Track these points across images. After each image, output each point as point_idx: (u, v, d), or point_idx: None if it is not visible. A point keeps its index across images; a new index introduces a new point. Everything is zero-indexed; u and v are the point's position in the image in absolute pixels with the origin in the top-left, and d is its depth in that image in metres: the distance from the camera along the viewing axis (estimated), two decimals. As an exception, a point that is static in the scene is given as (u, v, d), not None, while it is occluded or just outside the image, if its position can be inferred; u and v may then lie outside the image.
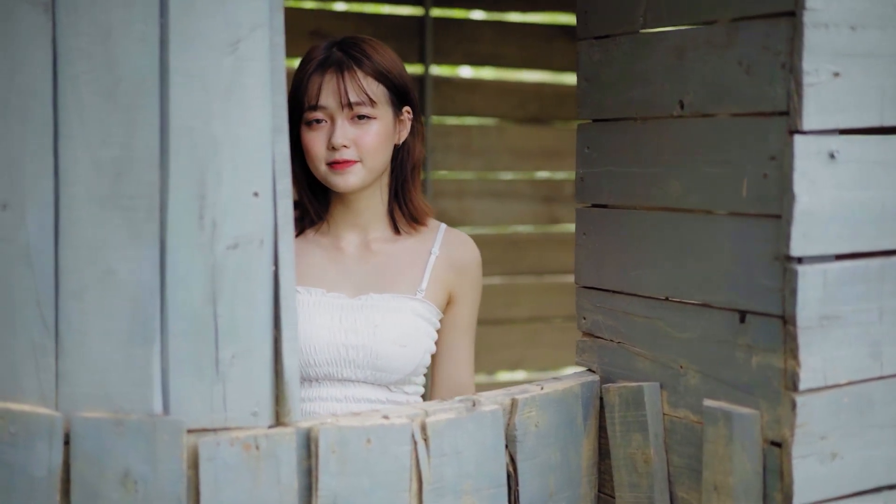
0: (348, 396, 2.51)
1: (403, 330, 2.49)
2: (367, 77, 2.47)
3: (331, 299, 2.52)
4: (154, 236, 1.86)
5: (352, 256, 2.58)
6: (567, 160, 5.25)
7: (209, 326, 1.89)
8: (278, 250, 1.93)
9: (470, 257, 2.61)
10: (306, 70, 2.49)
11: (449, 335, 2.60)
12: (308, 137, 2.50)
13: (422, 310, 2.52)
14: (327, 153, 2.48)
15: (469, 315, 2.61)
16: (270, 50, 1.91)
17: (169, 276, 1.87)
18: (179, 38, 1.86)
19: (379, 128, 2.49)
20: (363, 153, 2.48)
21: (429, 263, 2.56)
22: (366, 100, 2.46)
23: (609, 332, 2.32)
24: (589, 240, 2.38)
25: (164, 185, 1.86)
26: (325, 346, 2.47)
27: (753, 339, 1.98)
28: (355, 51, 2.49)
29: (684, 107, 2.11)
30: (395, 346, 2.47)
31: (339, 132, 2.46)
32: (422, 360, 2.52)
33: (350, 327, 2.48)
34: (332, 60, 2.47)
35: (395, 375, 2.50)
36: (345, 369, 2.48)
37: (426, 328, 2.53)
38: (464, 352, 2.61)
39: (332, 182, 2.50)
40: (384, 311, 2.50)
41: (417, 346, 2.50)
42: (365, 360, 2.47)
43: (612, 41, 2.29)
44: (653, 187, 2.20)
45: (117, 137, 1.85)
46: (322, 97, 2.46)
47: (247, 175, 1.90)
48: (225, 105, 1.88)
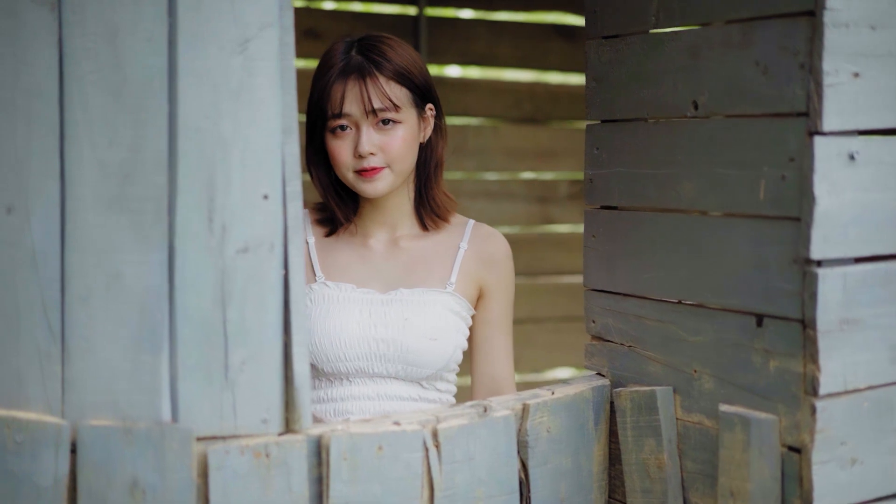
0: (380, 394, 2.49)
1: (434, 323, 2.48)
2: (389, 81, 2.45)
3: (361, 294, 2.51)
4: (162, 240, 1.83)
5: (380, 253, 2.58)
6: (562, 160, 5.23)
7: (218, 332, 1.86)
8: (288, 254, 1.90)
9: (499, 250, 2.60)
10: (328, 77, 2.46)
11: (483, 331, 2.59)
12: (334, 145, 2.48)
13: (452, 303, 2.52)
14: (354, 161, 2.46)
15: (502, 309, 2.60)
16: (280, 49, 1.88)
17: (177, 281, 1.84)
18: (188, 38, 1.83)
19: (404, 132, 2.47)
20: (390, 159, 2.46)
21: (457, 258, 2.56)
22: (389, 105, 2.44)
23: (619, 336, 2.29)
24: (598, 242, 2.35)
25: (173, 188, 1.83)
26: (356, 340, 2.47)
27: (771, 343, 1.96)
28: (375, 54, 2.45)
29: (698, 107, 2.08)
30: (425, 339, 2.47)
31: (365, 139, 2.44)
32: (452, 354, 2.51)
33: (380, 321, 2.48)
34: (353, 66, 2.44)
35: (426, 370, 2.49)
36: (376, 364, 2.47)
37: (457, 322, 2.52)
38: (500, 347, 2.60)
39: (360, 189, 2.49)
40: (414, 304, 2.49)
41: (448, 340, 2.49)
42: (395, 355, 2.47)
43: (622, 41, 2.27)
44: (665, 189, 2.17)
45: (124, 139, 1.82)
46: (345, 105, 2.44)
47: (256, 177, 1.87)
48: (234, 105, 1.85)
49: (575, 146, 5.13)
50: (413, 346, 2.46)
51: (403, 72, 2.46)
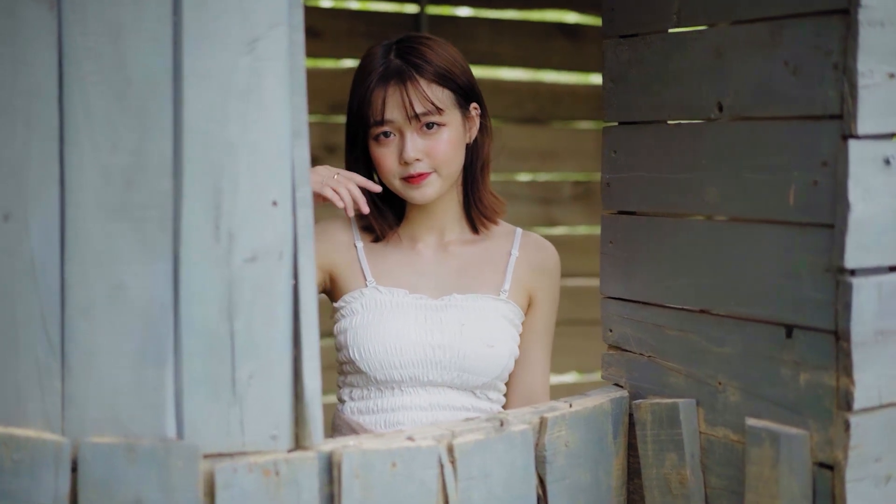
0: (433, 404, 2.43)
1: (490, 330, 2.43)
2: (430, 84, 2.39)
3: (414, 300, 2.46)
4: (167, 249, 1.76)
5: (430, 258, 2.52)
6: (565, 161, 5.17)
7: (225, 345, 1.79)
8: (298, 263, 1.83)
9: (551, 260, 2.56)
10: (367, 83, 2.39)
11: (526, 340, 2.53)
12: (378, 153, 2.41)
13: (506, 311, 2.48)
14: (400, 168, 2.40)
15: (547, 320, 2.55)
16: (289, 49, 1.81)
17: (183, 292, 1.76)
18: (193, 37, 1.75)
19: (449, 135, 2.41)
20: (437, 163, 2.40)
21: (509, 265, 2.51)
22: (432, 108, 2.38)
23: (638, 346, 2.22)
24: (616, 248, 2.28)
25: (178, 194, 1.76)
26: (412, 346, 2.40)
27: (801, 355, 1.88)
28: (414, 56, 2.39)
29: (723, 109, 2.01)
30: (482, 345, 2.42)
31: (410, 146, 2.38)
32: (507, 363, 2.46)
33: (436, 327, 2.42)
34: (393, 71, 2.38)
35: (482, 378, 2.43)
36: (430, 371, 2.41)
37: (511, 330, 2.48)
38: (540, 358, 2.55)
39: (409, 196, 2.44)
40: (470, 311, 2.44)
41: (504, 348, 2.45)
42: (451, 361, 2.41)
43: (641, 40, 2.19)
44: (687, 194, 2.10)
45: (127, 143, 1.74)
46: (387, 111, 2.37)
47: (265, 183, 1.80)
48: (242, 108, 1.78)
49: (578, 147, 5.10)
50: (470, 352, 2.41)
51: (445, 73, 2.40)
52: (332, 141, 4.56)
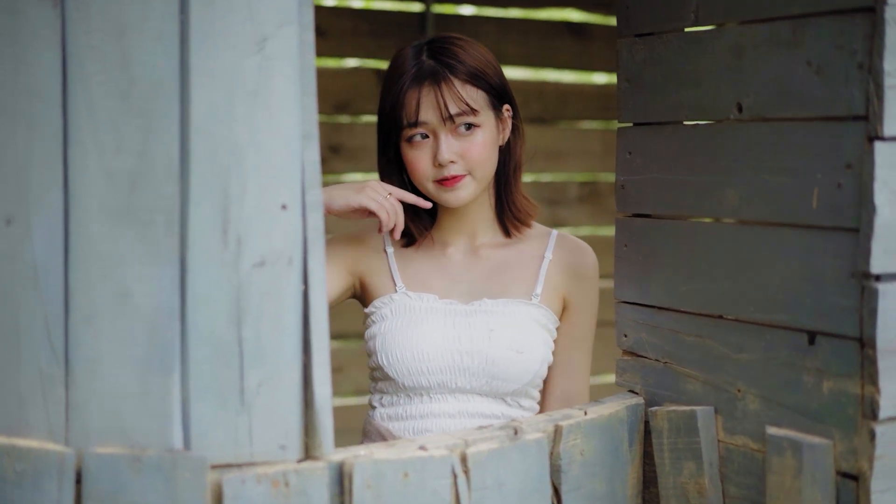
0: (462, 411, 2.38)
1: (520, 335, 2.38)
2: (464, 85, 2.35)
3: (444, 305, 2.42)
4: (173, 254, 1.71)
5: (460, 263, 2.48)
6: (571, 162, 5.13)
7: (233, 352, 1.74)
8: (308, 268, 1.78)
9: (588, 263, 2.50)
10: (399, 85, 2.36)
11: (564, 345, 2.47)
12: (412, 156, 2.38)
13: (538, 315, 2.42)
14: (434, 170, 2.37)
15: (584, 325, 2.49)
16: (299, 48, 1.76)
17: (190, 298, 1.72)
18: (201, 36, 1.71)
19: (484, 136, 2.37)
20: (471, 165, 2.37)
21: (542, 268, 2.46)
22: (467, 109, 2.34)
23: (654, 352, 2.17)
24: (631, 252, 2.23)
25: (185, 198, 1.71)
26: (439, 352, 2.36)
27: (824, 363, 1.83)
28: (446, 56, 2.35)
29: (743, 110, 1.97)
30: (511, 351, 2.36)
31: (444, 147, 2.34)
32: (539, 369, 2.40)
33: (464, 333, 2.38)
34: (426, 71, 2.35)
35: (512, 385, 2.38)
36: (459, 378, 2.37)
37: (543, 335, 2.42)
38: (578, 363, 2.48)
39: (443, 199, 2.39)
40: (500, 315, 2.39)
41: (534, 354, 2.39)
42: (480, 368, 2.36)
43: (658, 39, 2.14)
44: (705, 196, 2.05)
45: (133, 145, 1.70)
46: (421, 113, 2.34)
47: (274, 186, 1.75)
48: (250, 109, 1.73)
49: (584, 147, 5.06)
50: (498, 358, 2.36)
51: (478, 73, 2.37)
52: (337, 141, 4.53)
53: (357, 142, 4.58)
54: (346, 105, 4.61)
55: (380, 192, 2.37)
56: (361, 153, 4.56)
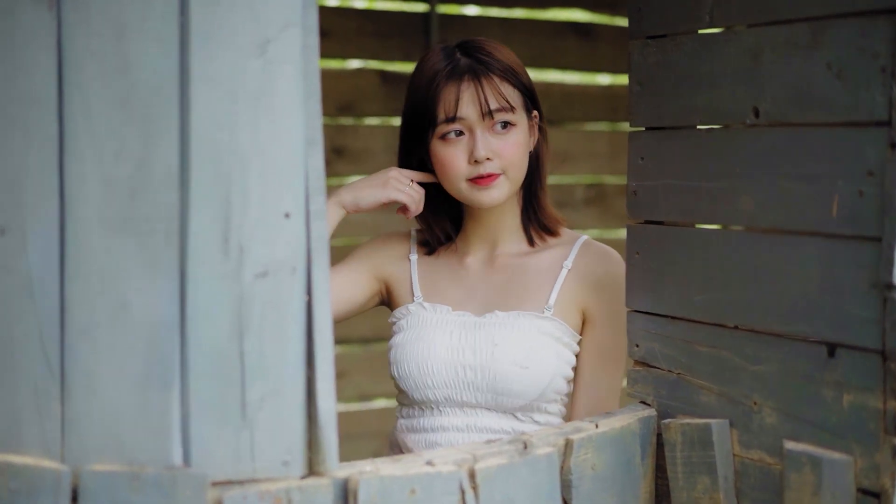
0: (470, 425, 2.34)
1: (525, 350, 2.30)
2: (502, 82, 2.33)
3: (455, 317, 2.37)
4: (173, 264, 1.67)
5: (477, 273, 2.43)
6: (578, 164, 5.08)
7: (235, 365, 1.69)
8: (312, 278, 1.73)
9: (609, 272, 2.37)
10: (434, 81, 2.32)
11: (586, 360, 2.37)
12: (446, 153, 2.33)
13: (550, 328, 2.33)
14: (469, 168, 2.32)
15: (608, 339, 2.36)
16: (303, 51, 1.72)
17: (190, 310, 1.67)
18: (201, 39, 1.66)
19: (519, 136, 2.35)
20: (506, 164, 2.32)
21: (559, 278, 2.37)
22: (506, 105, 2.32)
23: (667, 362, 2.12)
24: (643, 260, 2.17)
25: (185, 207, 1.67)
26: (444, 366, 2.33)
27: (844, 376, 1.78)
28: (482, 54, 2.34)
29: (759, 115, 1.91)
30: (514, 367, 2.29)
31: (482, 144, 2.30)
32: (549, 384, 2.31)
33: (469, 346, 2.33)
34: (464, 67, 2.32)
35: (518, 400, 2.31)
36: (464, 392, 2.33)
37: (556, 349, 2.33)
38: (600, 379, 2.37)
39: (475, 199, 2.34)
40: (506, 329, 2.33)
41: (542, 369, 2.30)
42: (483, 383, 2.31)
43: (671, 41, 2.09)
44: (720, 203, 1.99)
45: (131, 152, 1.65)
46: (461, 108, 2.30)
47: (277, 194, 1.71)
48: (253, 114, 1.69)
49: (591, 149, 5.01)
50: (502, 373, 2.30)
51: (513, 71, 2.35)
52: (341, 143, 4.48)
53: (361, 144, 4.54)
54: (350, 107, 4.57)
55: (403, 181, 2.37)
56: (365, 155, 4.52)
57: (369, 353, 4.73)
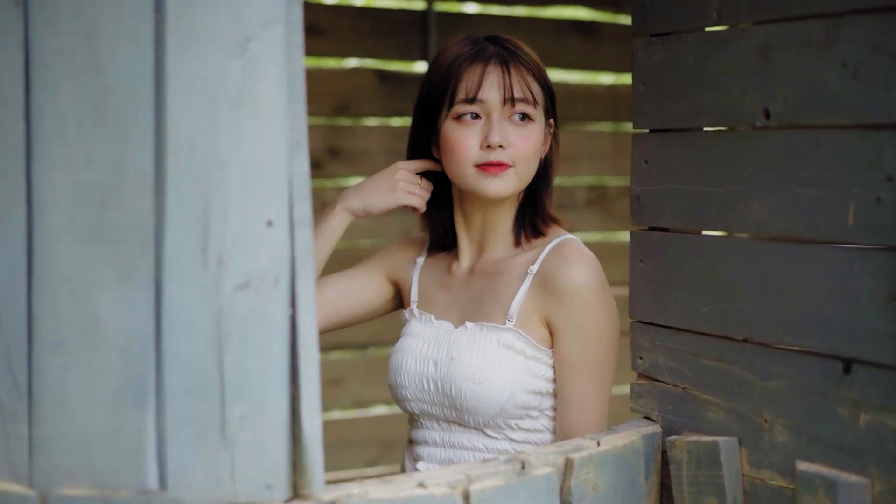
0: (445, 441, 2.27)
1: (480, 364, 2.19)
2: (529, 74, 2.26)
3: (433, 327, 2.31)
4: (148, 276, 1.59)
5: (461, 280, 2.34)
6: (579, 166, 4.99)
7: (214, 383, 1.61)
8: (296, 290, 1.64)
9: (568, 279, 2.18)
10: (458, 62, 2.25)
11: (559, 375, 2.21)
12: (458, 133, 2.24)
13: (511, 340, 2.20)
14: (480, 153, 2.22)
15: (577, 352, 2.18)
16: (287, 50, 1.62)
17: (166, 324, 1.59)
18: (179, 38, 1.58)
19: (537, 133, 2.26)
20: (519, 157, 2.23)
21: (524, 284, 2.23)
22: (530, 97, 2.24)
23: (672, 376, 2.03)
24: (647, 268, 2.09)
25: (161, 214, 1.58)
26: (412, 378, 2.28)
27: (861, 393, 1.69)
28: (511, 45, 2.28)
29: (770, 116, 1.83)
30: (467, 382, 2.19)
31: (498, 129, 2.21)
32: (508, 400, 2.17)
33: (433, 359, 2.26)
34: (491, 53, 2.25)
35: (479, 417, 2.20)
36: (432, 406, 2.27)
37: (515, 362, 2.19)
38: (573, 395, 2.19)
39: (480, 187, 2.23)
40: (466, 342, 2.23)
41: (497, 384, 2.17)
42: (443, 398, 2.24)
43: (676, 39, 2.01)
44: (729, 210, 1.91)
45: (104, 157, 1.57)
46: (483, 89, 2.22)
47: (259, 200, 1.62)
48: (233, 117, 1.60)
49: (593, 150, 4.94)
50: (456, 388, 2.20)
51: (540, 69, 2.29)
52: (337, 144, 4.40)
53: (358, 145, 4.45)
54: (347, 107, 4.48)
55: (412, 181, 2.33)
56: (363, 157, 4.43)
57: (366, 358, 4.65)
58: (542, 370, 2.21)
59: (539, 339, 2.21)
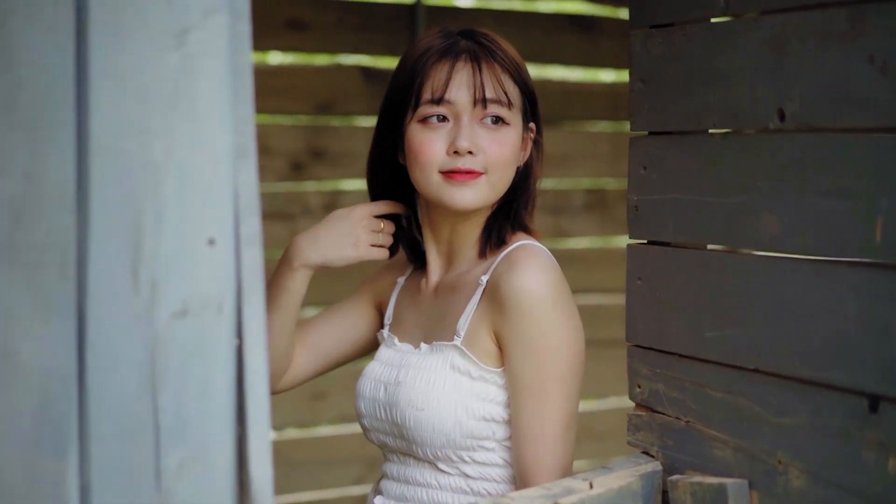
0: (401, 475, 2.10)
1: (424, 388, 1.99)
2: (504, 73, 2.06)
3: (395, 349, 2.12)
4: (69, 303, 1.43)
5: (427, 298, 2.14)
6: (576, 167, 4.85)
7: (147, 425, 1.45)
8: (243, 318, 1.48)
9: (512, 285, 1.94)
10: (423, 58, 2.05)
11: (511, 400, 1.98)
12: (422, 138, 2.03)
13: (459, 361, 1.99)
14: (446, 159, 2.01)
15: (531, 371, 1.94)
16: (231, 43, 1.46)
17: (90, 358, 1.43)
18: (104, 27, 1.41)
19: (512, 137, 2.05)
20: (491, 164, 2.02)
21: (474, 297, 2.02)
22: (504, 98, 2.04)
23: (674, 408, 1.86)
24: (645, 287, 1.93)
25: (84, 232, 1.43)
26: (368, 402, 2.11)
27: (890, 435, 1.51)
28: (485, 40, 2.08)
29: (785, 118, 1.67)
30: (411, 408, 2.00)
31: (467, 133, 2.01)
32: (455, 427, 1.95)
33: (383, 384, 2.08)
34: (463, 48, 2.06)
35: (426, 448, 2.00)
36: (386, 436, 2.09)
37: (462, 384, 1.97)
38: (523, 421, 1.95)
39: (446, 196, 2.02)
40: (415, 363, 2.04)
41: (440, 410, 1.96)
42: (392, 426, 2.05)
43: (679, 31, 1.85)
44: (738, 223, 1.75)
45: (17, 166, 1.41)
46: (451, 90, 2.03)
47: (199, 215, 1.46)
48: (168, 119, 1.45)
49: (590, 151, 4.81)
50: (401, 415, 2.01)
51: (518, 67, 2.09)
52: (320, 145, 4.25)
53: (342, 146, 4.30)
54: (330, 105, 4.33)
55: (375, 230, 2.13)
56: (348, 158, 4.27)
57: (351, 371, 4.46)
58: (493, 393, 1.98)
59: (486, 356, 1.98)
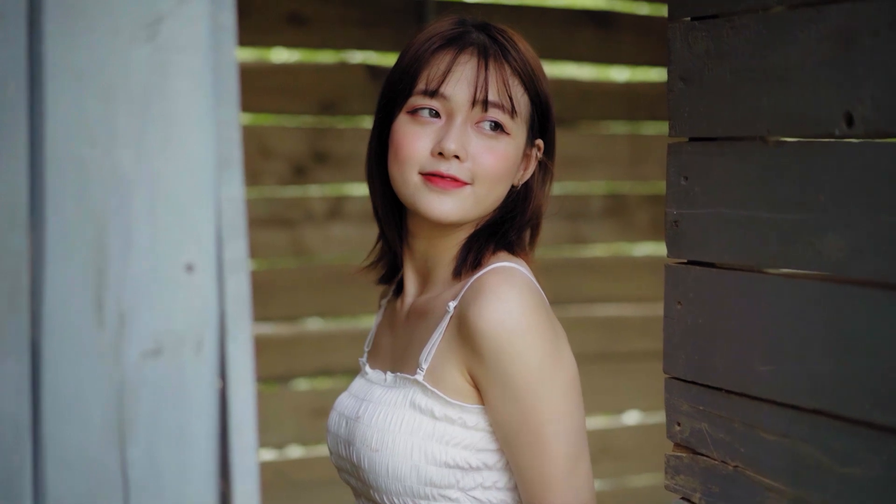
0: None
1: (381, 425, 1.80)
2: (514, 76, 1.86)
3: (364, 379, 1.95)
4: (22, 338, 1.29)
5: (399, 323, 1.95)
6: (594, 170, 4.76)
7: (114, 483, 1.31)
8: (227, 355, 1.32)
9: (476, 319, 1.73)
10: (427, 45, 1.85)
11: (503, 446, 1.78)
12: (407, 130, 1.84)
13: (420, 398, 1.80)
14: (429, 159, 1.82)
15: (515, 416, 1.74)
16: (212, 35, 1.32)
17: (46, 404, 1.29)
18: (61, 16, 1.28)
19: (510, 150, 1.84)
20: (479, 174, 1.82)
21: (440, 325, 1.82)
22: (507, 104, 1.83)
23: (720, 451, 1.69)
24: (687, 312, 1.75)
25: (39, 255, 1.28)
26: (332, 437, 1.94)
27: (981, 493, 1.31)
28: (501, 37, 1.86)
29: (853, 123, 1.49)
30: (365, 447, 1.82)
31: (456, 134, 1.81)
32: (412, 473, 1.76)
33: (348, 415, 1.90)
34: (472, 41, 1.86)
35: (382, 494, 1.81)
36: (349, 476, 1.92)
37: (422, 425, 1.78)
38: (531, 470, 1.75)
39: (423, 202, 1.82)
40: (377, 396, 1.87)
41: (396, 453, 1.77)
42: (351, 466, 1.88)
43: (726, 23, 1.67)
44: (796, 243, 1.57)
45: None
46: (448, 83, 1.83)
47: (174, 237, 1.32)
48: (138, 122, 1.31)
49: (609, 153, 4.71)
50: (357, 454, 1.83)
51: (532, 73, 1.88)
52: (324, 147, 4.15)
53: (346, 148, 4.19)
54: (333, 105, 4.24)
55: None
56: (352, 161, 4.16)
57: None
58: (458, 436, 1.77)
59: (454, 393, 1.78)
